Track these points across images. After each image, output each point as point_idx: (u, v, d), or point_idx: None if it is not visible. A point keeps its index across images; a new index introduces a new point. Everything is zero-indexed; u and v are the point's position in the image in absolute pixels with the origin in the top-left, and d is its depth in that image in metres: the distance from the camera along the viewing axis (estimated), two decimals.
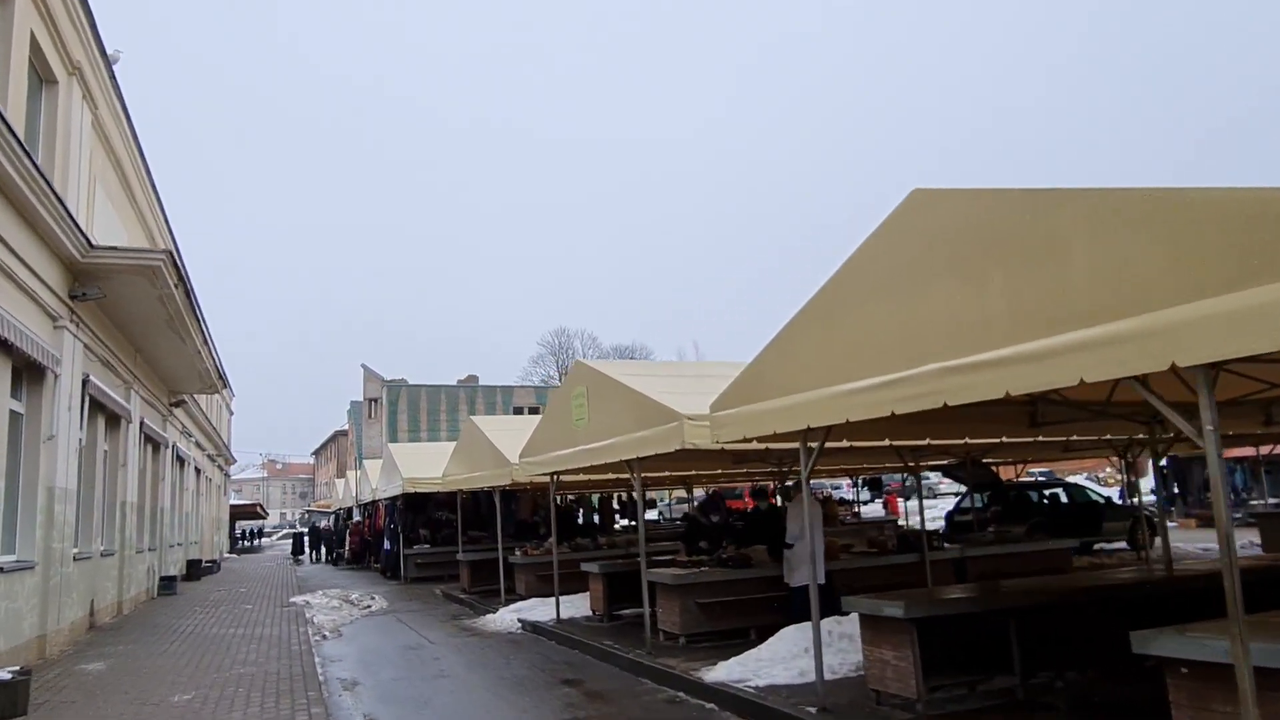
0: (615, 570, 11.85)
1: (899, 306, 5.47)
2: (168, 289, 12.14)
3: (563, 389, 11.58)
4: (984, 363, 4.79)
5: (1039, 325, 4.44)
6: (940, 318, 5.13)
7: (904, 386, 5.34)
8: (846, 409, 5.84)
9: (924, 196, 5.36)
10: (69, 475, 11.16)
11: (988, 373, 4.76)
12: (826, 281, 6.21)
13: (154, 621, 14.05)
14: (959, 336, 4.98)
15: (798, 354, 6.46)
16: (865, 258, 5.82)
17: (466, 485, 16.62)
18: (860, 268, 5.86)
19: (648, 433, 8.89)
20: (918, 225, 5.35)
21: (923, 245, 5.31)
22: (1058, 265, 4.33)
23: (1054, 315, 4.36)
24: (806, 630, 8.08)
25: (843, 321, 5.99)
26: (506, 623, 12.99)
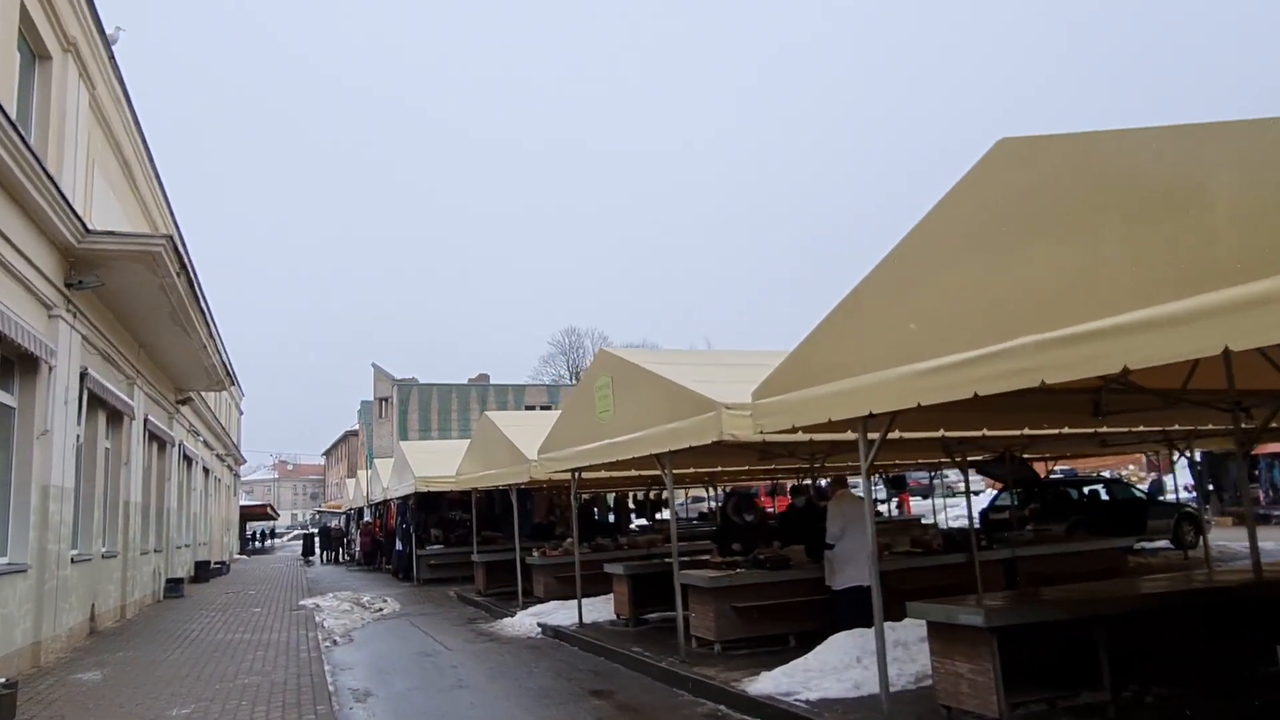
0: (642, 572, 11.20)
1: (983, 273, 4.80)
2: (169, 277, 11.56)
3: (585, 380, 10.95)
4: (1093, 333, 4.12)
5: (1166, 286, 3.77)
6: (1035, 283, 4.46)
7: (991, 363, 4.68)
8: (919, 391, 5.18)
9: (1016, 146, 4.69)
10: (65, 473, 10.58)
11: (1099, 344, 4.09)
12: (892, 251, 5.55)
13: (158, 626, 13.47)
14: (1059, 304, 4.32)
15: (858, 332, 5.80)
16: (941, 221, 5.16)
17: (482, 484, 16.00)
18: (935, 232, 5.20)
19: (681, 424, 8.24)
20: (1007, 179, 4.69)
21: (1013, 201, 4.64)
22: (1195, 215, 3.66)
23: (1186, 273, 3.69)
24: (858, 638, 7.45)
25: (914, 293, 5.33)
26: (525, 627, 12.36)
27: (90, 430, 12.85)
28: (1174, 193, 3.75)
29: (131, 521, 14.99)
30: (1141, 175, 3.93)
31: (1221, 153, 3.58)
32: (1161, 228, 3.81)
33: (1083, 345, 4.19)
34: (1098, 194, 4.14)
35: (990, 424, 8.01)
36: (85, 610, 12.10)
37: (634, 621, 11.11)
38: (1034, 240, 4.49)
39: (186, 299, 12.60)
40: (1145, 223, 3.89)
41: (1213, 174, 3.60)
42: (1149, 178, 3.89)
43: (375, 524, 27.47)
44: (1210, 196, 3.60)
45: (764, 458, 13.70)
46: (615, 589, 11.56)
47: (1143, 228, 3.90)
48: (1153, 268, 3.84)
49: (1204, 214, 3.62)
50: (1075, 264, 4.25)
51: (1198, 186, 3.66)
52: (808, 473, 13.86)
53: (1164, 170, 3.82)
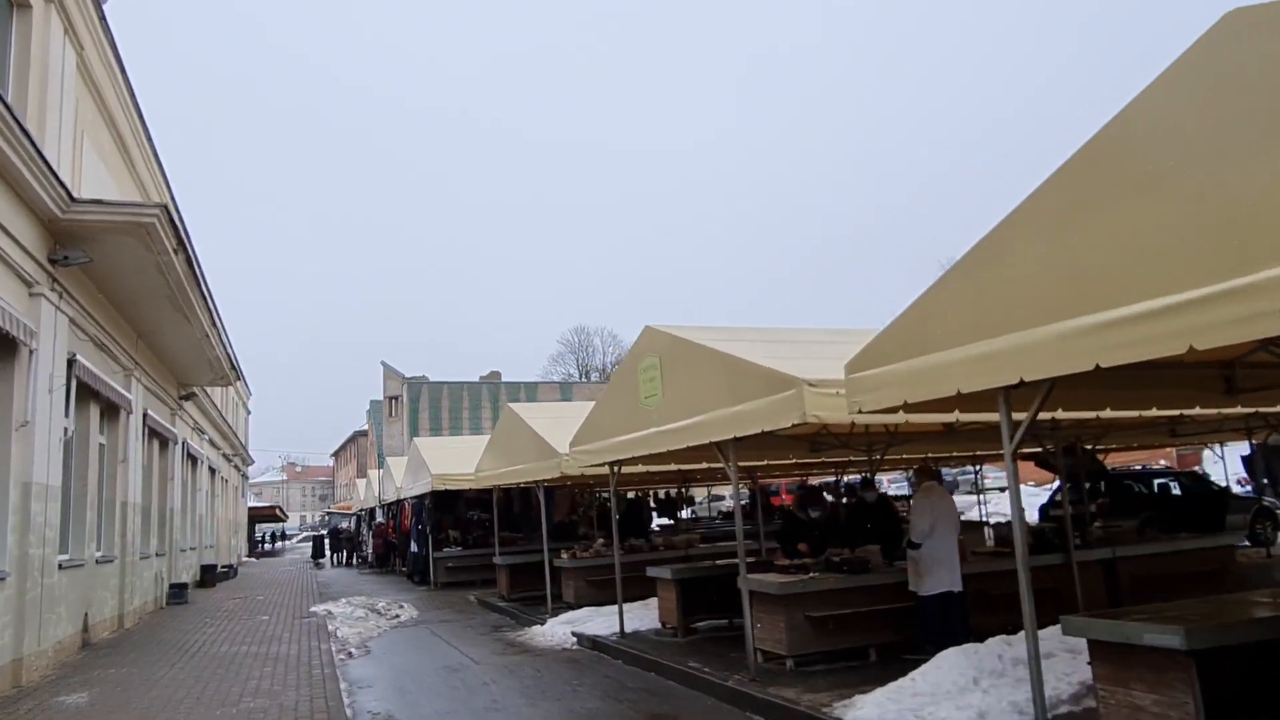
0: (692, 576, 10.08)
1: (1197, 193, 3.66)
2: (165, 254, 10.48)
3: (627, 362, 9.83)
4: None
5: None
6: None
7: (1222, 307, 3.53)
8: (1100, 349, 4.04)
9: (1254, 19, 3.55)
10: (51, 469, 9.51)
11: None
12: (1054, 176, 4.41)
13: (158, 637, 12.39)
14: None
15: (1001, 283, 4.66)
16: (1130, 130, 4.02)
17: (505, 481, 14.90)
18: (1120, 147, 4.06)
19: (751, 406, 7.11)
20: (1242, 59, 3.55)
21: (1247, 96, 3.51)
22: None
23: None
24: (971, 655, 6.32)
25: (1091, 225, 4.17)
26: (559, 637, 11.24)
27: (82, 424, 11.79)
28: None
29: (130, 523, 13.93)
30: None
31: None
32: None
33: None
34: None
35: (1116, 403, 6.85)
36: (76, 621, 11.04)
37: (683, 631, 9.98)
38: None
39: (185, 279, 11.53)
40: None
41: None
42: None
43: (388, 525, 26.39)
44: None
45: (815, 449, 12.64)
46: (661, 595, 10.43)
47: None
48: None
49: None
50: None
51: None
52: (864, 466, 12.72)
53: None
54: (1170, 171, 3.80)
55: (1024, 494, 21.65)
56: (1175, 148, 3.79)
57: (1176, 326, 3.72)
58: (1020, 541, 4.90)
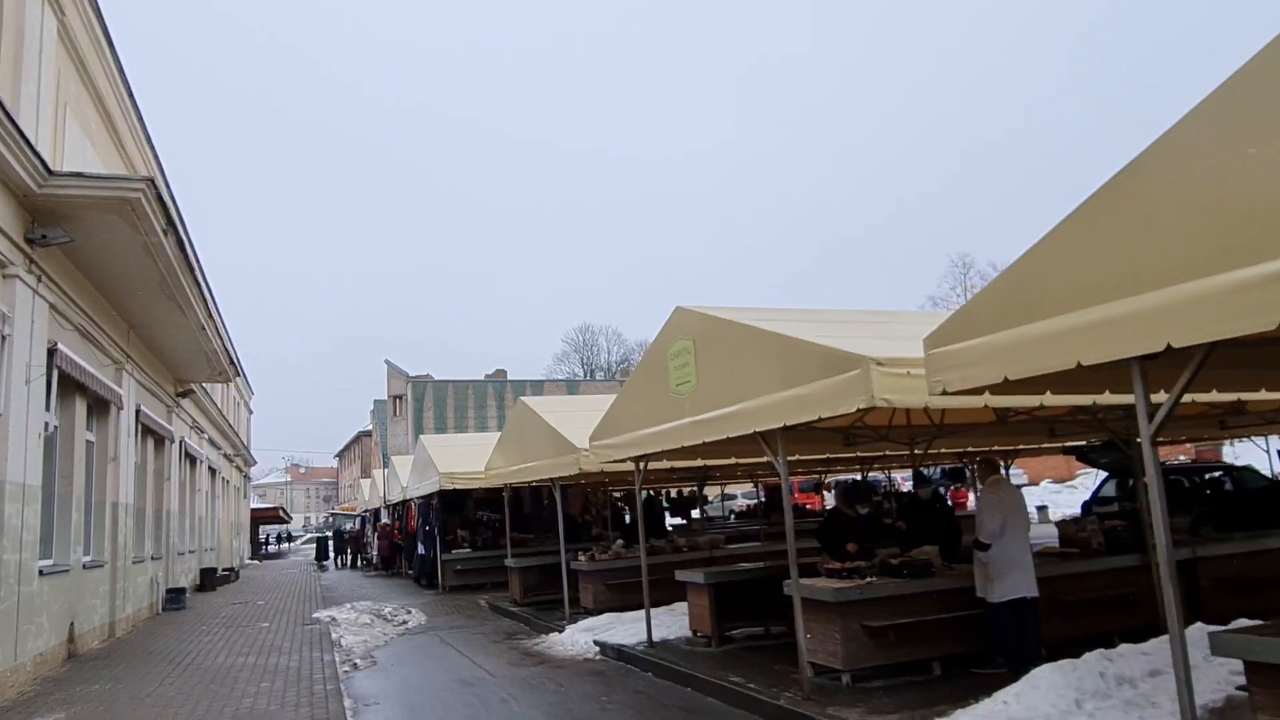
0: (726, 580, 9.26)
1: None
2: (154, 235, 9.69)
3: (654, 348, 9.01)
4: None
5: None
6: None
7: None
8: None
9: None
10: (29, 468, 8.73)
11: None
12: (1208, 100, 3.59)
13: (150, 647, 11.61)
14: None
15: (1138, 230, 3.84)
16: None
17: (518, 479, 14.10)
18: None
19: (806, 390, 6.31)
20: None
21: None
22: None
23: None
24: (1070, 673, 5.50)
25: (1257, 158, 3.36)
26: (579, 646, 10.44)
27: (66, 419, 11.01)
28: None
29: (122, 526, 13.15)
30: None
31: None
32: None
33: None
34: None
35: (1272, 383, 5.98)
36: (60, 631, 10.25)
37: (717, 640, 9.17)
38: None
39: (177, 263, 10.73)
40: None
41: None
42: None
43: (394, 526, 25.60)
44: None
45: (849, 443, 11.87)
46: (692, 601, 9.62)
47: None
48: None
49: None
50: None
51: None
52: (907, 460, 11.93)
53: None
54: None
55: (1046, 491, 21.19)
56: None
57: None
58: (1164, 540, 4.05)
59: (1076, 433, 11.94)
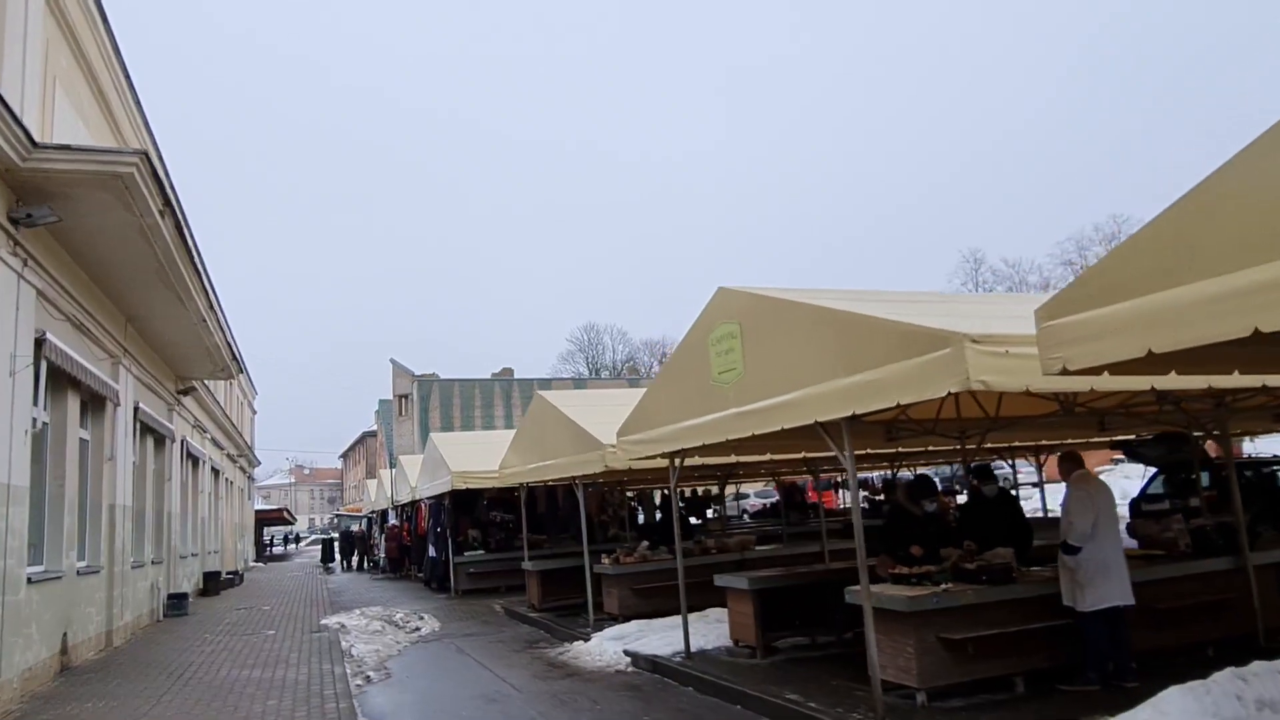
0: (773, 586, 8.53)
1: None
2: (150, 216, 9.00)
3: (693, 335, 8.27)
4: None
5: None
6: None
7: None
8: None
9: None
10: (15, 467, 8.03)
11: None
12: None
13: (148, 658, 10.91)
14: None
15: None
16: None
17: (537, 477, 13.38)
18: None
19: (881, 374, 5.58)
20: None
21: None
22: None
23: None
24: (1203, 696, 4.80)
25: None
26: (609, 656, 9.72)
27: (58, 416, 10.31)
28: None
29: (119, 528, 12.45)
30: None
31: None
32: None
33: None
34: None
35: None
36: (53, 642, 9.55)
37: (762, 651, 8.44)
38: None
39: (175, 248, 10.03)
40: None
41: None
42: None
43: (403, 527, 24.88)
44: None
45: (891, 437, 11.17)
46: (733, 608, 8.89)
47: None
48: None
49: None
50: None
51: None
52: (956, 456, 11.19)
53: None
54: None
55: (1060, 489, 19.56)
56: None
57: None
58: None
59: (1130, 426, 11.24)
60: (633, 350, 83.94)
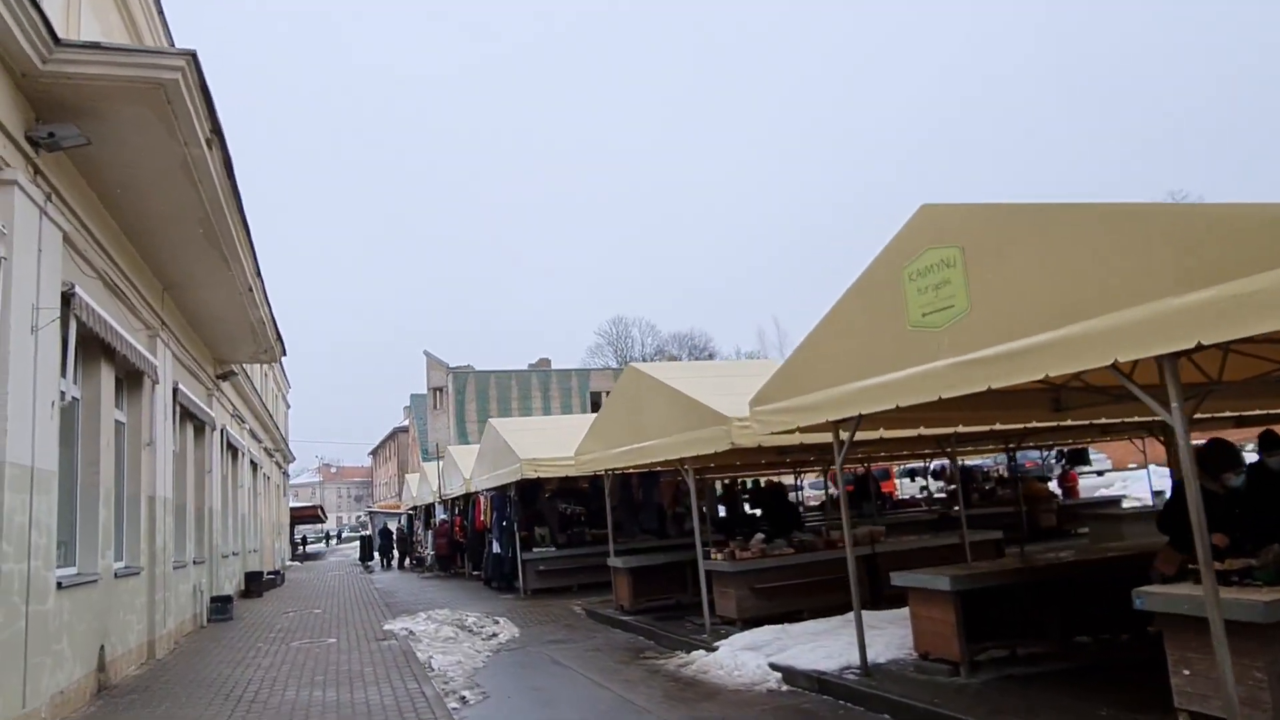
0: (981, 587, 6.82)
1: None
2: (196, 145, 7.44)
3: (879, 269, 6.53)
4: None
5: None
6: None
7: None
8: None
9: None
10: (36, 445, 6.48)
11: None
12: None
13: (199, 674, 9.38)
14: None
15: None
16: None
17: (630, 462, 11.73)
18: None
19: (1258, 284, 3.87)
20: None
21: None
22: None
23: None
24: None
25: None
26: (749, 670, 8.05)
27: (90, 392, 8.80)
28: None
29: (161, 524, 10.94)
30: None
31: None
32: None
33: None
34: None
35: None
36: (88, 659, 8.03)
37: (966, 667, 6.73)
38: None
39: (223, 192, 8.47)
40: None
41: None
42: None
43: (455, 522, 23.33)
44: None
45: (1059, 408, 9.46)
46: (921, 613, 7.17)
47: None
48: None
49: None
50: None
51: None
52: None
53: None
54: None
55: (1137, 476, 17.69)
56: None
57: None
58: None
59: None
60: (662, 343, 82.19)
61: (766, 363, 12.51)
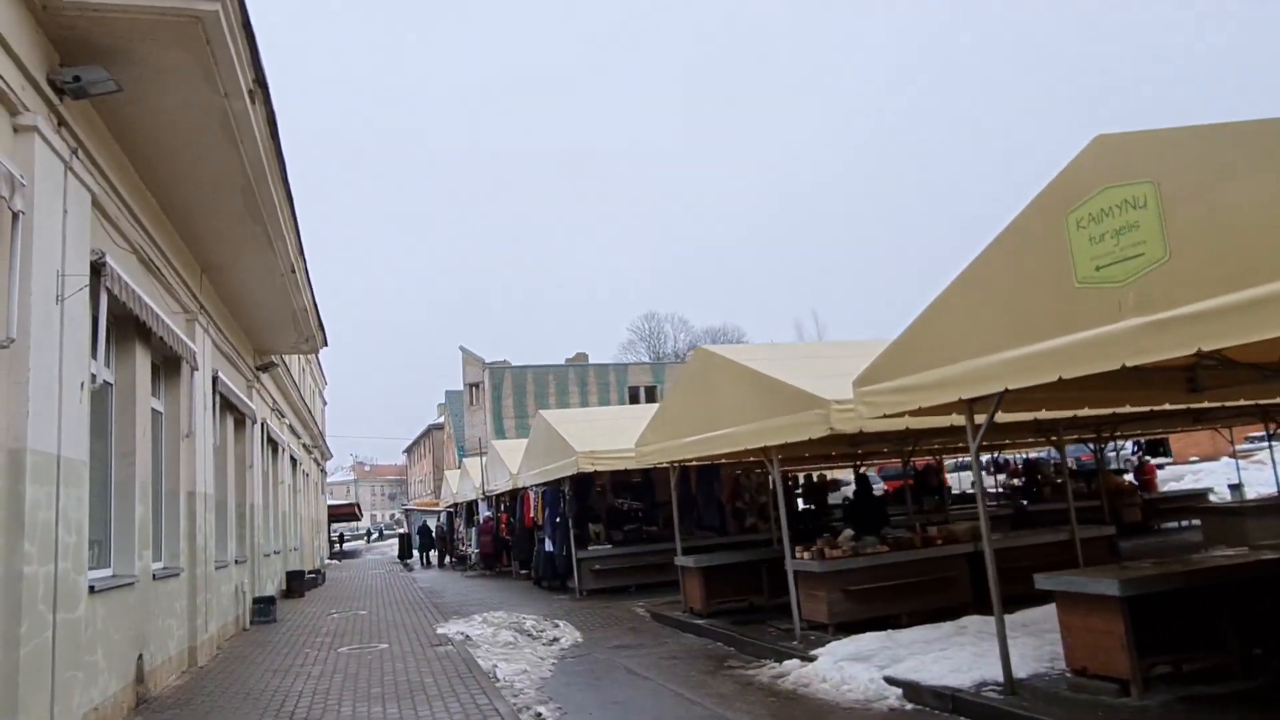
0: (1148, 592, 5.81)
1: None
2: (238, 96, 6.63)
3: (1033, 215, 5.53)
4: None
5: None
6: None
7: None
8: None
9: None
10: (63, 431, 5.69)
11: None
12: None
13: (245, 685, 8.60)
14: None
15: None
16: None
17: (702, 453, 10.80)
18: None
19: None
20: None
21: None
22: None
23: None
24: None
25: None
26: (859, 685, 7.09)
27: (124, 376, 8.04)
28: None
29: (202, 521, 10.19)
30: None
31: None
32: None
33: None
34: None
35: None
36: (125, 670, 7.26)
37: (1139, 687, 5.72)
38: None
39: (267, 155, 7.66)
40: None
41: None
42: None
43: (501, 519, 22.54)
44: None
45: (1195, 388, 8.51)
46: (1076, 622, 6.16)
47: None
48: None
49: None
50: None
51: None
52: None
53: None
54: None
55: (1209, 469, 16.12)
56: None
57: None
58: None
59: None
60: (695, 338, 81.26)
61: (845, 343, 11.49)
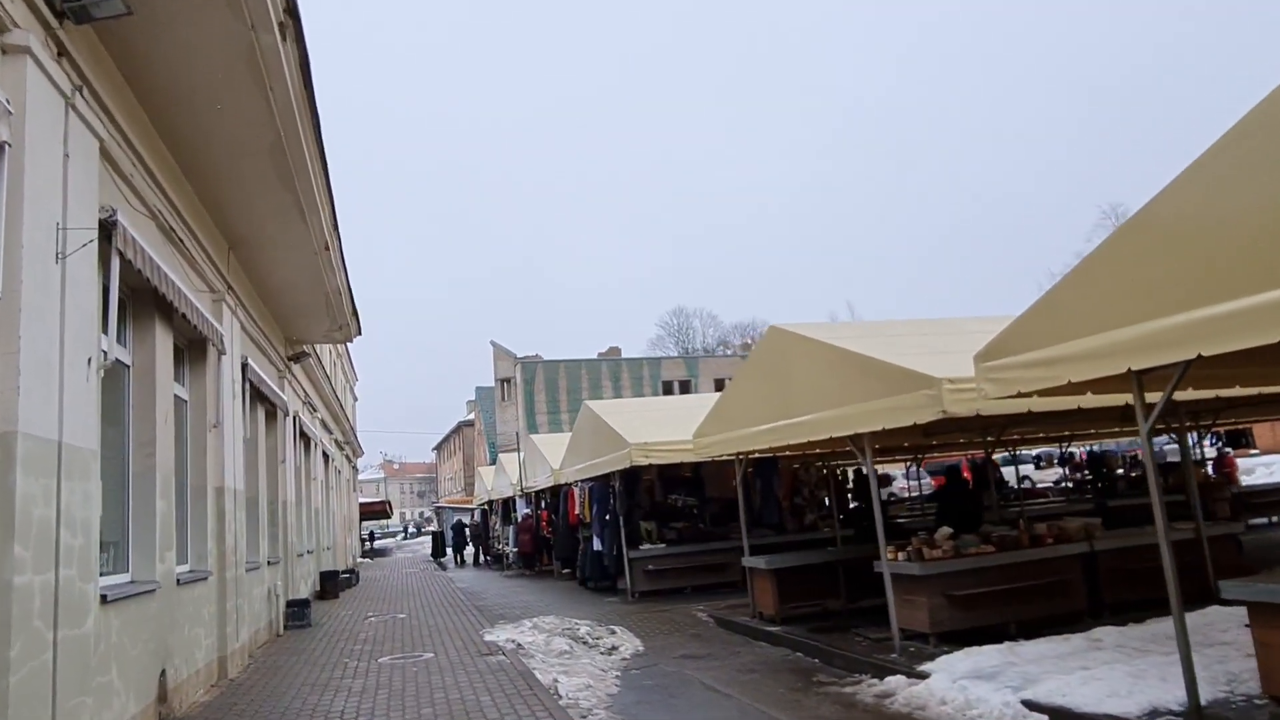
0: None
1: None
2: (267, 30, 5.76)
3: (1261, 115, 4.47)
4: None
5: None
6: None
7: None
8: None
9: None
10: (64, 414, 4.80)
11: None
12: None
13: (277, 700, 7.72)
14: None
15: None
16: None
17: (775, 442, 9.79)
18: None
19: None
20: None
21: None
22: None
23: None
24: None
25: None
26: (988, 706, 6.06)
27: (143, 357, 7.16)
28: None
29: (231, 520, 9.34)
30: None
31: None
32: None
33: None
34: None
35: None
36: (145, 689, 6.39)
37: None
38: None
39: (298, 101, 6.75)
40: None
41: None
42: None
43: (542, 516, 21.65)
44: None
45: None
46: (1273, 640, 5.11)
47: None
48: None
49: None
50: None
51: None
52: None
53: None
54: None
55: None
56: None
57: None
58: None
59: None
60: (723, 334, 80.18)
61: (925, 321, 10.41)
